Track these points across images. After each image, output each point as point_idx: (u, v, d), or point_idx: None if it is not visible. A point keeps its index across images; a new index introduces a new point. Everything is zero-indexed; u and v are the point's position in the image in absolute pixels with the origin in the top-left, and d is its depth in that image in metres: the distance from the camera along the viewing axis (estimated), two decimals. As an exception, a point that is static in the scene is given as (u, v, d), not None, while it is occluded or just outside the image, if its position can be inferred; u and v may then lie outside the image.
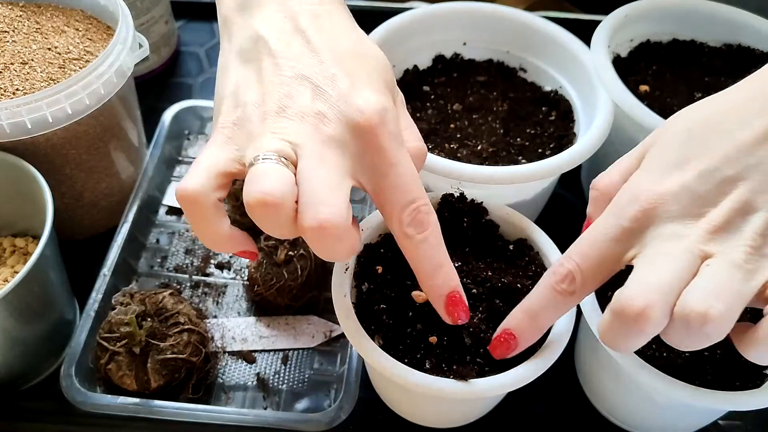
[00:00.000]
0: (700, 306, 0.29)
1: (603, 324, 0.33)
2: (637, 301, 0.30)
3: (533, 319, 0.37)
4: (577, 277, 0.34)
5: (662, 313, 0.30)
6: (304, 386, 0.50)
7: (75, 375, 0.46)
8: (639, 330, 0.31)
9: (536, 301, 0.36)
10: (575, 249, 0.35)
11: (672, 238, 0.32)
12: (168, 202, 0.61)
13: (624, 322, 0.31)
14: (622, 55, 0.59)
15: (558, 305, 0.36)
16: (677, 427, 0.48)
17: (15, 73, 0.50)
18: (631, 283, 0.32)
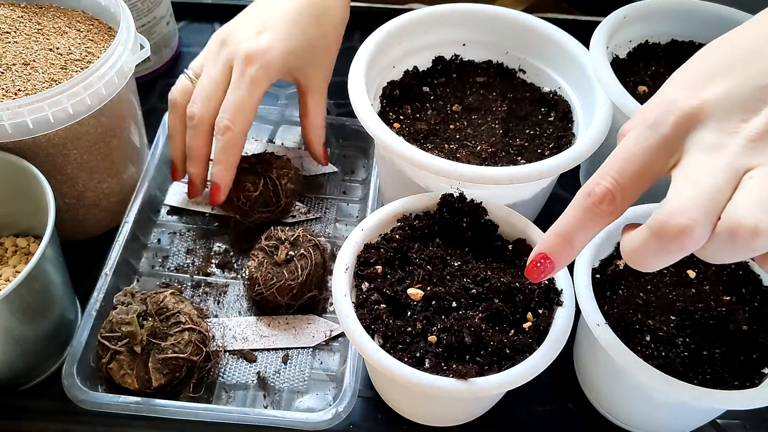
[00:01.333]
0: (750, 219, 0.29)
1: (638, 241, 0.31)
2: (680, 218, 0.30)
3: (569, 241, 0.35)
4: (617, 196, 0.33)
5: (705, 230, 0.30)
6: (305, 385, 0.50)
7: (76, 374, 0.46)
8: (679, 247, 0.30)
9: (572, 223, 0.35)
10: (611, 165, 0.34)
11: (713, 149, 0.31)
12: (169, 202, 0.61)
13: (664, 240, 0.30)
14: (620, 56, 0.60)
15: (594, 226, 0.34)
16: (676, 426, 0.48)
17: (17, 73, 0.50)
18: (672, 199, 0.31)
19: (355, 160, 0.65)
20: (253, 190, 0.57)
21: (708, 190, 0.30)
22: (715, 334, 0.44)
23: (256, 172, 0.58)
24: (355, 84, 0.52)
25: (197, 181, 0.58)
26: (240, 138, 0.54)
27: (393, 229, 0.46)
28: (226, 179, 0.55)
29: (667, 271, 0.48)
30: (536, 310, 0.43)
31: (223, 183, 0.55)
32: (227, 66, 0.55)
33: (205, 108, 0.55)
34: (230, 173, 0.55)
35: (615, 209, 0.33)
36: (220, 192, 0.55)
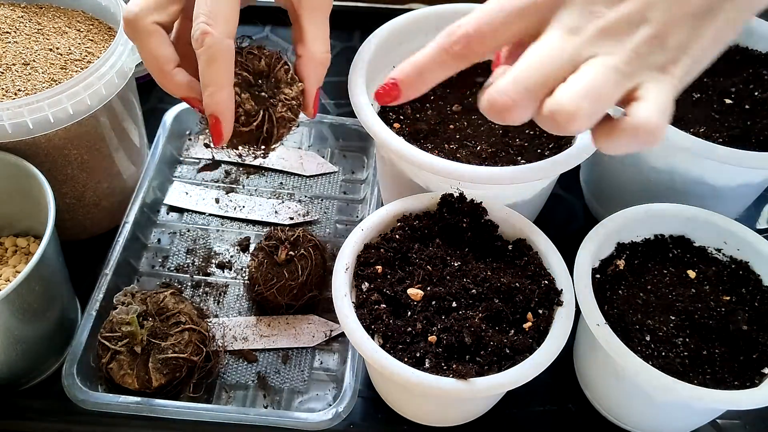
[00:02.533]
0: (569, 106, 0.32)
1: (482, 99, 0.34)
2: (504, 96, 0.33)
3: (420, 75, 0.37)
4: (472, 41, 0.36)
5: (526, 109, 0.33)
6: (305, 385, 0.50)
7: (77, 374, 0.46)
8: (503, 120, 0.33)
9: (428, 60, 0.37)
10: (477, 14, 0.36)
11: (570, 31, 0.33)
12: (169, 202, 0.61)
13: (492, 112, 0.34)
14: (621, 56, 0.60)
15: (447, 66, 0.37)
16: (676, 426, 0.48)
17: (17, 73, 0.50)
18: (512, 70, 0.33)
19: (355, 160, 0.66)
20: (243, 122, 0.42)
21: (541, 72, 0.33)
22: (714, 334, 0.44)
23: (258, 96, 0.42)
24: (355, 84, 0.52)
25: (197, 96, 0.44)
26: (224, 44, 0.39)
27: (393, 229, 0.47)
28: (223, 103, 0.40)
29: (667, 271, 0.48)
30: (536, 310, 0.43)
31: (221, 110, 0.41)
32: None
33: None
34: (226, 93, 0.40)
35: (468, 53, 0.36)
36: (221, 125, 0.41)
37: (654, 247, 0.50)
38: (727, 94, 0.55)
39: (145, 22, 0.39)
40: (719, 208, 0.50)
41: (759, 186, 0.55)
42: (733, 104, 0.55)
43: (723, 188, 0.52)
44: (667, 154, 0.51)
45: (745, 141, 0.51)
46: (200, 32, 0.39)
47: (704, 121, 0.53)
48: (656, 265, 0.48)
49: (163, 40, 0.41)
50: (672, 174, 0.52)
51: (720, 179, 0.51)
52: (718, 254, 0.49)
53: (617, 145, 0.33)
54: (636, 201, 0.50)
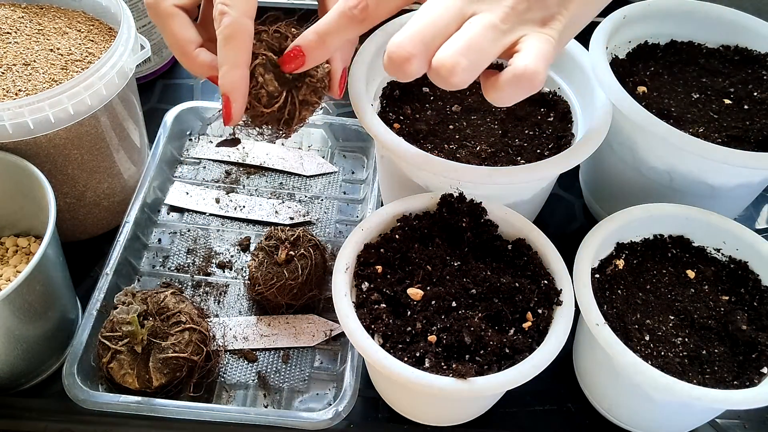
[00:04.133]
0: (450, 62, 0.34)
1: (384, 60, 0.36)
2: (402, 50, 0.35)
3: (322, 40, 0.39)
4: (370, 4, 0.38)
5: (420, 63, 0.35)
6: (305, 385, 0.50)
7: (77, 374, 0.46)
8: (404, 73, 0.36)
9: (328, 25, 0.39)
10: None
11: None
12: (170, 202, 0.61)
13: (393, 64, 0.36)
14: (620, 57, 0.60)
15: (346, 30, 0.39)
16: (675, 426, 0.48)
17: (17, 74, 0.50)
18: (404, 30, 0.36)
19: (355, 160, 0.66)
20: (264, 103, 0.41)
21: (431, 28, 0.35)
22: (714, 334, 0.44)
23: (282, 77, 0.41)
24: (355, 84, 0.52)
25: None
26: (241, 24, 0.39)
27: (393, 229, 0.47)
28: (235, 83, 0.40)
29: (666, 271, 0.48)
30: (536, 310, 0.43)
31: (232, 89, 0.40)
32: None
33: None
34: (239, 73, 0.40)
35: (366, 16, 0.38)
36: (231, 105, 0.40)
37: (653, 247, 0.50)
38: (726, 94, 0.56)
39: (166, 5, 0.42)
40: (718, 208, 0.50)
41: (758, 186, 0.55)
42: (732, 104, 0.55)
43: (722, 188, 0.52)
44: (667, 154, 0.51)
45: (744, 141, 0.51)
46: (219, 12, 0.39)
47: (703, 122, 0.53)
48: (655, 265, 0.49)
49: (184, 22, 0.42)
50: (671, 174, 0.52)
51: (719, 179, 0.52)
52: (717, 254, 0.49)
53: (502, 95, 0.35)
54: (635, 201, 0.50)
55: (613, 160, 0.56)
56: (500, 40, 0.35)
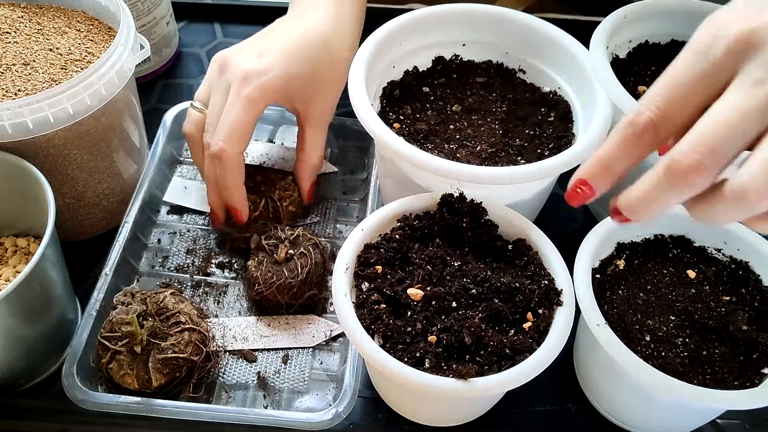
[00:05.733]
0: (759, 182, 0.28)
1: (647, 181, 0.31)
2: (694, 154, 0.29)
3: (609, 169, 0.34)
4: (660, 126, 0.32)
5: (710, 174, 0.29)
6: (305, 385, 0.50)
7: (76, 374, 0.46)
8: (686, 185, 0.30)
9: (614, 152, 0.34)
10: (655, 93, 0.32)
11: (757, 84, 0.29)
12: (169, 200, 0.61)
13: (673, 174, 0.30)
14: (620, 56, 0.60)
15: (635, 156, 0.33)
16: (676, 426, 0.48)
17: (17, 73, 0.50)
18: (695, 132, 0.30)
19: (355, 160, 0.65)
20: (253, 210, 0.57)
21: (725, 131, 0.29)
22: (714, 334, 0.44)
23: (259, 191, 0.58)
24: (355, 84, 0.52)
25: (218, 210, 0.57)
26: (236, 158, 0.53)
27: (393, 229, 0.47)
28: (239, 201, 0.55)
29: (667, 272, 0.48)
30: (536, 310, 0.43)
31: (238, 205, 0.55)
32: (228, 90, 0.54)
33: None
34: (240, 193, 0.55)
35: (656, 140, 0.32)
36: (240, 213, 0.55)
37: (654, 247, 0.50)
38: (726, 94, 0.55)
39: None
40: (719, 208, 0.50)
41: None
42: (733, 104, 0.54)
43: (723, 188, 0.52)
44: (667, 154, 0.51)
45: (745, 141, 0.51)
46: (219, 149, 0.52)
47: (704, 121, 0.53)
48: (656, 265, 0.48)
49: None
50: (672, 174, 0.52)
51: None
52: (717, 254, 0.49)
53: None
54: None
55: (614, 160, 0.56)
56: None
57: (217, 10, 0.81)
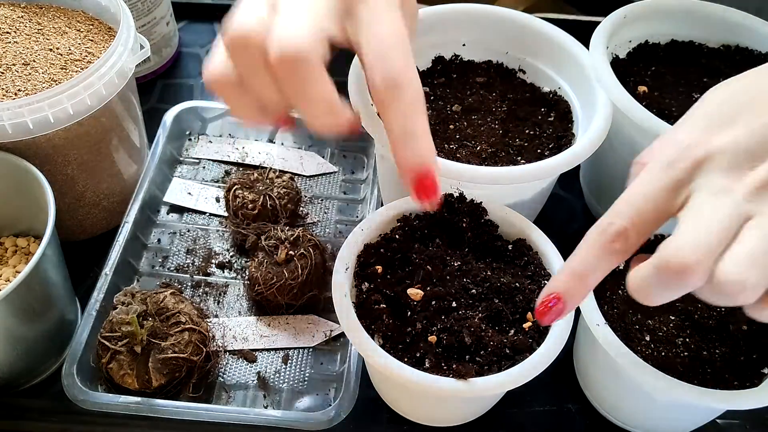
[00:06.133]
0: (737, 277, 0.30)
1: (642, 276, 0.32)
2: (686, 255, 0.31)
3: (582, 280, 0.35)
4: (631, 234, 0.34)
5: (704, 270, 0.31)
6: (305, 385, 0.50)
7: (76, 374, 0.46)
8: (681, 284, 0.31)
9: (584, 262, 0.35)
10: (625, 204, 0.34)
11: (720, 192, 0.32)
12: (169, 200, 0.61)
13: (667, 276, 0.31)
14: (620, 56, 0.60)
15: (607, 264, 0.34)
16: (676, 427, 0.48)
17: (17, 73, 0.50)
18: (679, 237, 0.31)
19: (355, 160, 0.66)
20: (251, 209, 0.56)
21: (711, 231, 0.31)
22: (715, 334, 0.44)
23: (257, 189, 0.58)
24: (355, 84, 0.52)
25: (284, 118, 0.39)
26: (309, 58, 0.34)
27: (393, 229, 0.46)
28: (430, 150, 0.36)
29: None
30: (536, 310, 0.43)
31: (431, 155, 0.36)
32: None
33: None
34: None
35: (628, 247, 0.34)
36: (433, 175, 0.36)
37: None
38: (727, 94, 0.55)
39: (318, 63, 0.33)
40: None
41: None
42: (733, 104, 0.54)
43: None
44: (667, 154, 0.51)
45: (745, 141, 0.51)
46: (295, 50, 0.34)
47: (704, 121, 0.53)
48: (656, 265, 0.48)
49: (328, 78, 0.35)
50: (672, 174, 0.52)
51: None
52: (718, 254, 0.49)
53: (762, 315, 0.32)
54: None
55: (614, 160, 0.56)
56: None
57: (217, 9, 0.81)
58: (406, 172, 0.35)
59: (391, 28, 0.35)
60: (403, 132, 0.34)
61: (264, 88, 0.35)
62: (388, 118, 0.34)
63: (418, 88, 0.34)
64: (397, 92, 0.34)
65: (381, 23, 0.34)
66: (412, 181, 0.35)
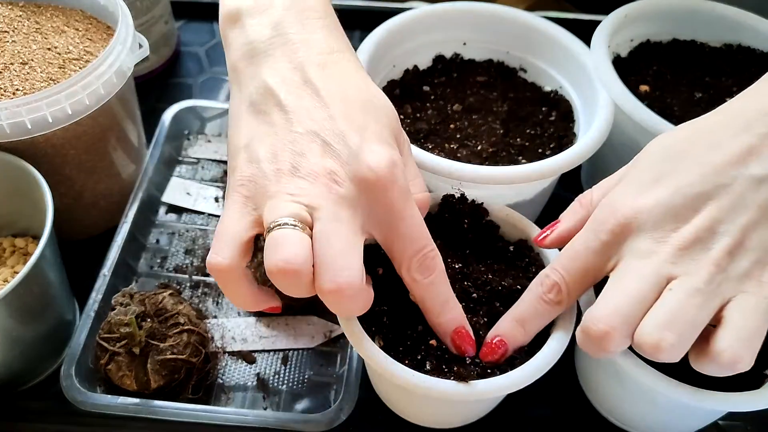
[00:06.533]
0: (653, 338, 0.32)
1: (577, 336, 0.36)
2: (600, 324, 0.33)
3: (522, 326, 0.39)
4: (563, 288, 0.37)
5: (622, 337, 0.33)
6: (304, 386, 0.50)
7: (75, 375, 0.46)
8: (603, 349, 0.34)
9: (525, 310, 0.39)
10: (559, 261, 0.38)
11: (644, 255, 0.34)
12: (167, 200, 0.61)
13: (590, 340, 0.34)
14: (622, 55, 0.59)
15: (545, 314, 0.39)
16: (677, 428, 0.48)
17: (15, 73, 0.50)
18: (599, 305, 0.34)
19: (355, 160, 0.65)
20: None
21: (629, 299, 0.33)
22: (717, 336, 0.44)
23: None
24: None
25: None
26: None
27: (393, 230, 0.46)
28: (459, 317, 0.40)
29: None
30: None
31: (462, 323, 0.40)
32: None
33: None
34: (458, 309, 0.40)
35: (562, 299, 0.37)
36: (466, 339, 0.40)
37: None
38: (729, 93, 0.55)
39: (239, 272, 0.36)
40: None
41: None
42: (735, 104, 0.54)
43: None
44: (669, 154, 0.51)
45: (747, 141, 0.51)
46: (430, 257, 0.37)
47: (706, 121, 0.53)
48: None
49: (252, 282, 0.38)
50: (674, 174, 0.52)
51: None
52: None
53: (708, 371, 0.34)
54: None
55: (616, 159, 0.56)
56: (707, 306, 0.32)
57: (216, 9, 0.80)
58: (446, 333, 0.39)
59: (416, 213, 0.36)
60: (439, 304, 0.38)
61: None
62: (423, 296, 0.38)
63: (441, 263, 0.37)
64: (428, 271, 0.37)
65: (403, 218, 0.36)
66: (452, 339, 0.39)
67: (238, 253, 0.35)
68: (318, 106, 0.36)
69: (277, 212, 0.34)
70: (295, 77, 0.37)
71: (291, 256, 0.33)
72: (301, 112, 0.36)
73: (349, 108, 0.36)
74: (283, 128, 0.36)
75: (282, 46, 0.38)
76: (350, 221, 0.34)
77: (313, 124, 0.36)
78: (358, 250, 0.34)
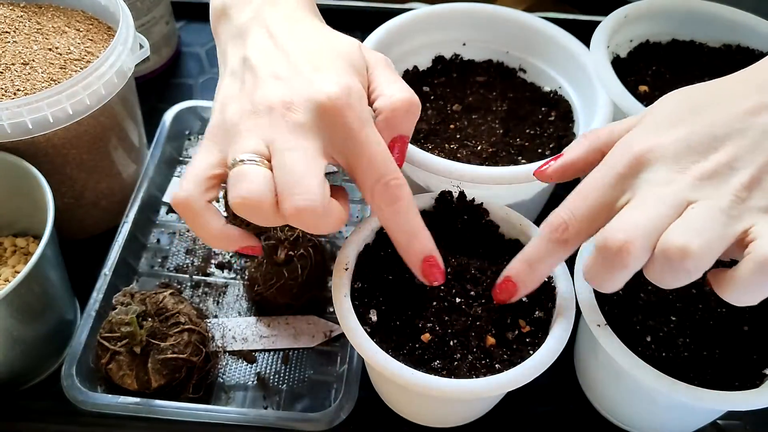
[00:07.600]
0: (680, 240, 0.31)
1: (588, 260, 0.34)
2: (618, 234, 0.32)
3: (531, 267, 0.38)
4: (570, 226, 0.36)
5: (642, 247, 0.32)
6: (305, 386, 0.50)
7: (76, 374, 0.46)
8: (621, 264, 0.32)
9: (533, 251, 0.38)
10: (569, 200, 0.37)
11: (661, 183, 0.34)
12: (169, 200, 0.61)
13: (606, 255, 0.33)
14: (621, 56, 0.60)
15: (553, 254, 0.38)
16: (677, 427, 0.48)
17: (16, 73, 0.50)
18: (619, 218, 0.33)
19: (355, 160, 0.65)
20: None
21: (649, 214, 0.33)
22: (715, 335, 0.44)
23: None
24: (355, 84, 0.51)
25: None
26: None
27: (393, 230, 0.46)
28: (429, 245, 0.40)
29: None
30: (536, 310, 0.43)
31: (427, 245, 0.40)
32: None
33: None
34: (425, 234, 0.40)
35: (569, 238, 0.37)
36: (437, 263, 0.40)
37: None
38: (728, 93, 0.55)
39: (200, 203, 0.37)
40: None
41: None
42: (734, 104, 0.54)
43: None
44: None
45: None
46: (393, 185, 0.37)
47: (705, 121, 0.53)
48: (657, 266, 0.48)
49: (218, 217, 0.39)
50: (673, 174, 0.52)
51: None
52: (718, 254, 0.49)
53: (748, 289, 0.32)
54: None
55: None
56: (731, 226, 0.32)
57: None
58: (415, 263, 0.39)
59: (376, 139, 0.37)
60: (405, 234, 0.38)
61: None
62: (389, 226, 0.39)
63: (409, 193, 0.38)
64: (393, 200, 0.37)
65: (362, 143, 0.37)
66: (422, 269, 0.39)
67: (196, 186, 0.37)
68: (278, 53, 0.39)
69: (237, 150, 0.36)
70: (266, 41, 0.40)
71: (250, 190, 0.35)
72: (265, 62, 0.39)
73: (308, 51, 0.39)
74: (251, 80, 0.38)
75: (258, 22, 0.41)
76: (307, 147, 0.36)
77: (274, 67, 0.38)
78: (316, 172, 0.35)
